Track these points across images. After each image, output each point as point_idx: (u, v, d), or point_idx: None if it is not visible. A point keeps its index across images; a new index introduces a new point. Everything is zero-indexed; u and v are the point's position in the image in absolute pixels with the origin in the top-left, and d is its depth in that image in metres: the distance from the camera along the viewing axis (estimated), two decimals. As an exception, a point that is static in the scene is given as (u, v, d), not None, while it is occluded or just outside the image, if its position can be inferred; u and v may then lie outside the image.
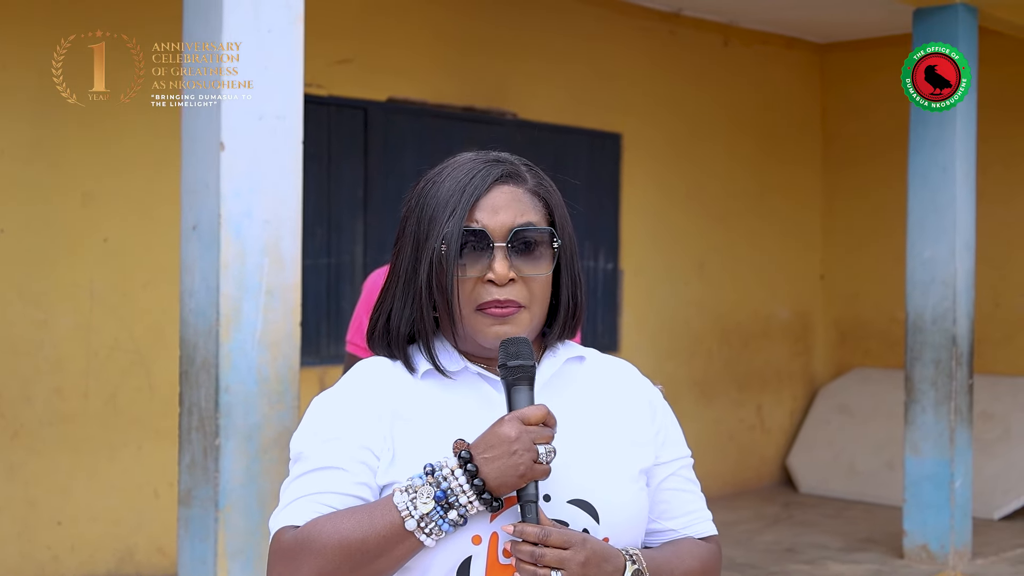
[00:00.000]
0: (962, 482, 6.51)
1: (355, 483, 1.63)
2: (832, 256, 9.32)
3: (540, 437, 1.58)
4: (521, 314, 1.68)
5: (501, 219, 1.67)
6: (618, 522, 1.69)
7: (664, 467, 1.79)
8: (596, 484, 1.69)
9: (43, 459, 5.53)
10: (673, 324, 8.30)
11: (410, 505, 1.56)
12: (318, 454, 1.65)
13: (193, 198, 3.74)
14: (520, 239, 1.67)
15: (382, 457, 1.65)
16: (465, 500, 1.56)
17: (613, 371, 1.83)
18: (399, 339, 1.72)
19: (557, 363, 1.76)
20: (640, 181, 8.03)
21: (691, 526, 1.83)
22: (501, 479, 1.56)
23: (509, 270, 1.66)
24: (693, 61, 8.34)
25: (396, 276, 1.73)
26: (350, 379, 1.75)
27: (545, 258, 1.69)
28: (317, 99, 6.22)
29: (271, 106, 3.72)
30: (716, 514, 6.91)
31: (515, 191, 1.70)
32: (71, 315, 5.60)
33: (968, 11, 6.51)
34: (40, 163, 5.52)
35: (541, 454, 1.57)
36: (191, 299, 3.75)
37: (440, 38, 7.02)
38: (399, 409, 1.68)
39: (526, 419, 1.58)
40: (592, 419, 1.74)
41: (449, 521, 1.56)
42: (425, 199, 1.70)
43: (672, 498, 1.81)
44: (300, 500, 1.64)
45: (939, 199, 6.52)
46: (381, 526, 1.57)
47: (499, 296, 1.66)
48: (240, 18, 3.66)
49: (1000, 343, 8.45)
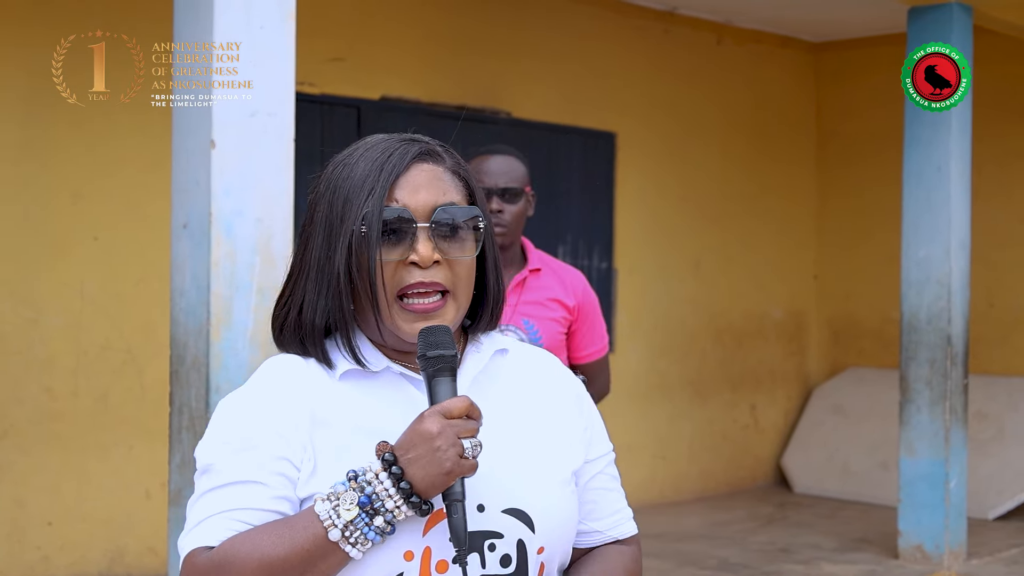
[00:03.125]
0: (957, 482, 6.49)
1: (273, 497, 1.51)
2: (826, 255, 9.31)
3: (464, 430, 1.47)
4: (446, 306, 1.58)
5: (423, 198, 1.57)
6: (552, 529, 1.60)
7: (592, 465, 1.71)
8: (529, 491, 1.59)
9: (33, 459, 5.50)
10: (667, 323, 8.28)
11: (333, 514, 1.45)
12: (230, 467, 1.52)
13: (184, 196, 3.71)
14: (444, 219, 1.57)
15: (302, 468, 1.53)
16: (392, 504, 1.46)
17: (537, 364, 1.73)
18: (315, 334, 1.59)
19: (483, 358, 1.66)
20: (634, 180, 8.01)
21: (617, 527, 1.74)
22: (428, 479, 1.45)
23: (433, 252, 1.55)
24: (687, 60, 8.32)
25: (306, 266, 1.60)
26: (261, 380, 1.61)
27: (470, 240, 1.59)
28: (310, 97, 6.19)
29: (262, 103, 3.69)
30: (711, 514, 6.89)
31: (435, 169, 1.60)
32: (61, 314, 5.57)
33: (963, 10, 6.49)
34: (30, 162, 5.49)
35: (467, 448, 1.46)
36: (181, 298, 3.72)
37: (433, 36, 7.00)
38: (318, 414, 1.55)
39: (448, 412, 1.47)
40: (522, 418, 1.65)
41: (375, 529, 1.46)
42: (337, 182, 1.59)
43: (599, 498, 1.72)
44: (213, 518, 1.51)
45: (934, 198, 6.51)
46: (303, 540, 1.46)
47: (423, 278, 1.55)
48: (232, 16, 3.63)
49: (995, 343, 8.44)
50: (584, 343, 3.68)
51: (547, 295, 3.60)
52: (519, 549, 1.57)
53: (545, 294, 3.60)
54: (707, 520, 7.69)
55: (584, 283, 3.71)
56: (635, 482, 8.08)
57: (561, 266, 3.72)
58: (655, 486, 8.20)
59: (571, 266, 3.78)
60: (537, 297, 3.59)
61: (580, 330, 3.67)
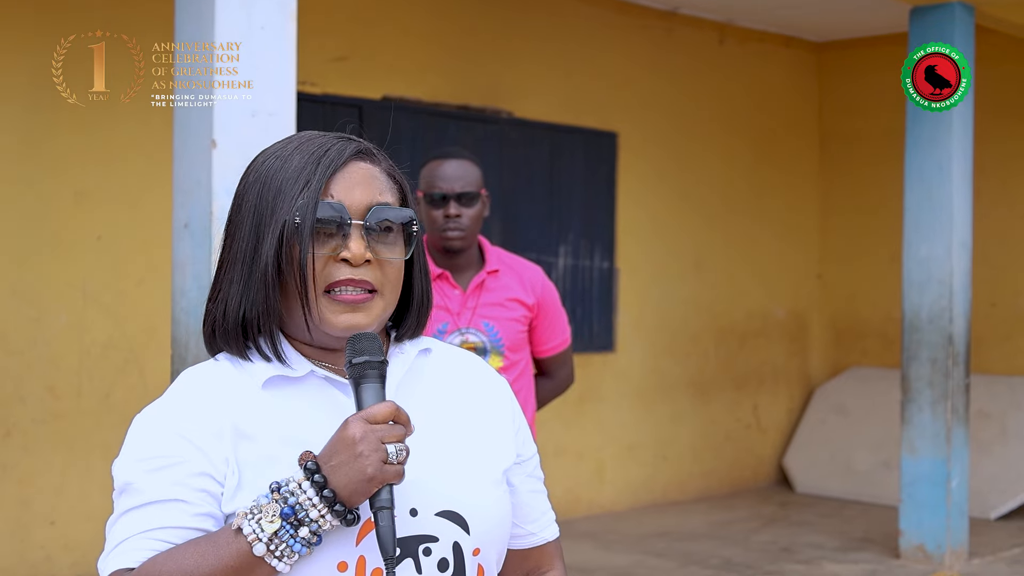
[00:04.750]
0: (958, 482, 6.49)
1: (195, 515, 1.46)
2: (828, 255, 9.31)
3: (389, 435, 1.42)
4: (374, 301, 1.54)
5: (358, 196, 1.54)
6: (487, 530, 1.58)
7: (523, 465, 1.70)
8: (462, 492, 1.56)
9: (36, 458, 5.51)
10: (669, 323, 8.28)
11: (256, 527, 1.40)
12: (148, 485, 1.47)
13: (185, 196, 3.71)
14: (378, 219, 1.55)
15: (226, 482, 1.48)
16: (316, 514, 1.40)
17: (462, 363, 1.70)
18: (239, 333, 1.55)
19: (408, 359, 1.62)
20: (636, 180, 8.01)
21: (546, 528, 1.74)
22: (351, 486, 1.40)
23: (365, 250, 1.53)
24: (689, 60, 8.32)
25: (232, 261, 1.56)
26: (177, 392, 1.55)
27: (401, 243, 1.57)
28: (311, 97, 6.19)
29: (264, 103, 3.69)
30: (713, 514, 6.91)
31: (371, 169, 1.58)
32: (64, 313, 5.58)
33: (965, 9, 6.49)
34: (33, 161, 5.50)
35: (391, 453, 1.41)
36: (183, 298, 3.73)
37: (435, 36, 7.00)
38: (241, 425, 1.50)
39: (372, 418, 1.43)
40: (450, 418, 1.62)
41: (301, 540, 1.41)
42: (269, 173, 1.55)
43: (531, 500, 1.71)
44: (133, 539, 1.45)
45: (936, 198, 6.51)
46: (228, 556, 1.41)
47: (352, 276, 1.53)
48: (233, 15, 3.64)
49: (996, 342, 8.44)
50: (546, 337, 3.74)
51: (506, 295, 3.66)
52: (455, 552, 1.55)
53: (504, 294, 3.65)
54: (709, 520, 7.69)
55: (543, 278, 3.76)
56: (637, 482, 8.08)
57: (519, 262, 3.76)
58: (657, 486, 8.21)
59: (529, 261, 3.82)
60: (496, 298, 3.64)
61: (541, 325, 3.73)
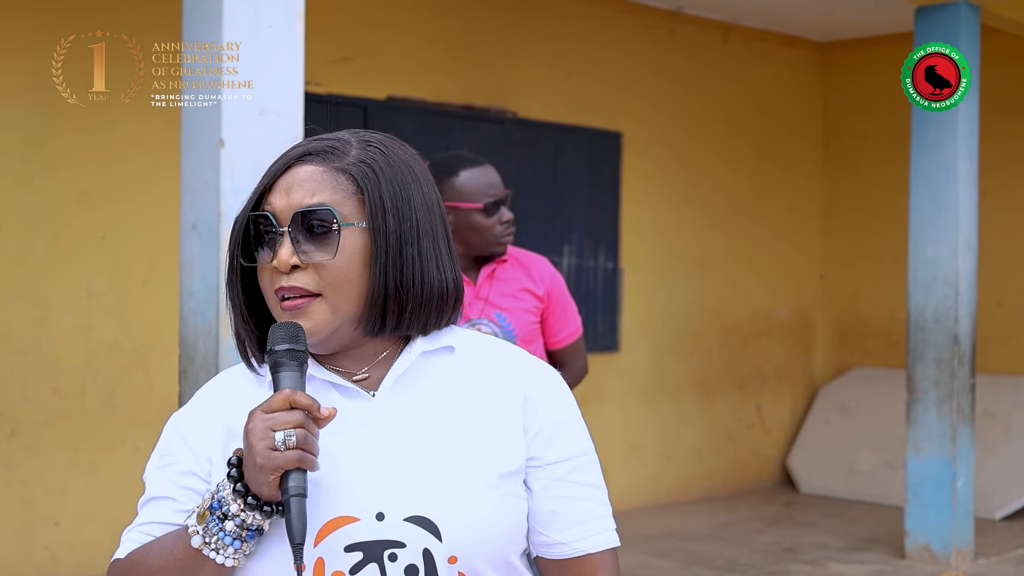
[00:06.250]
0: (964, 482, 6.48)
1: (178, 511, 1.53)
2: (832, 255, 9.30)
3: (279, 423, 1.41)
4: (315, 305, 1.52)
5: (288, 201, 1.53)
6: (466, 538, 1.50)
7: (547, 469, 1.58)
8: (437, 497, 1.50)
9: (41, 459, 5.50)
10: (673, 323, 8.28)
11: (193, 521, 1.47)
12: (152, 483, 1.58)
13: (193, 196, 3.71)
14: (301, 222, 1.52)
15: (212, 480, 1.54)
16: (236, 508, 1.43)
17: (487, 361, 1.62)
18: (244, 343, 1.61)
19: (410, 357, 1.58)
20: (640, 180, 8.00)
21: (586, 538, 1.60)
22: (251, 477, 1.42)
23: (292, 256, 1.51)
24: (693, 60, 8.31)
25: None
26: (199, 395, 1.64)
27: (334, 243, 1.52)
28: (316, 97, 6.18)
29: (271, 103, 3.69)
30: (717, 514, 6.86)
31: (315, 170, 1.55)
32: (69, 314, 5.58)
33: (970, 9, 6.48)
34: (37, 161, 5.49)
35: (278, 440, 1.40)
36: (191, 298, 3.72)
37: (440, 36, 7.00)
38: (234, 426, 1.53)
39: (268, 407, 1.42)
40: (444, 420, 1.56)
41: (230, 533, 1.44)
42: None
43: (560, 506, 1.58)
44: (129, 532, 1.56)
45: (941, 198, 6.50)
46: (177, 548, 1.47)
47: (284, 283, 1.52)
48: (241, 15, 3.63)
49: (1001, 342, 8.43)
50: (557, 328, 3.71)
51: (517, 286, 3.63)
52: (426, 559, 1.50)
53: (515, 285, 3.63)
54: (713, 520, 7.68)
55: (550, 269, 3.73)
56: (641, 482, 8.08)
57: (524, 254, 3.73)
58: (661, 486, 8.20)
59: (534, 253, 3.79)
60: (508, 289, 3.61)
61: (552, 316, 3.69)
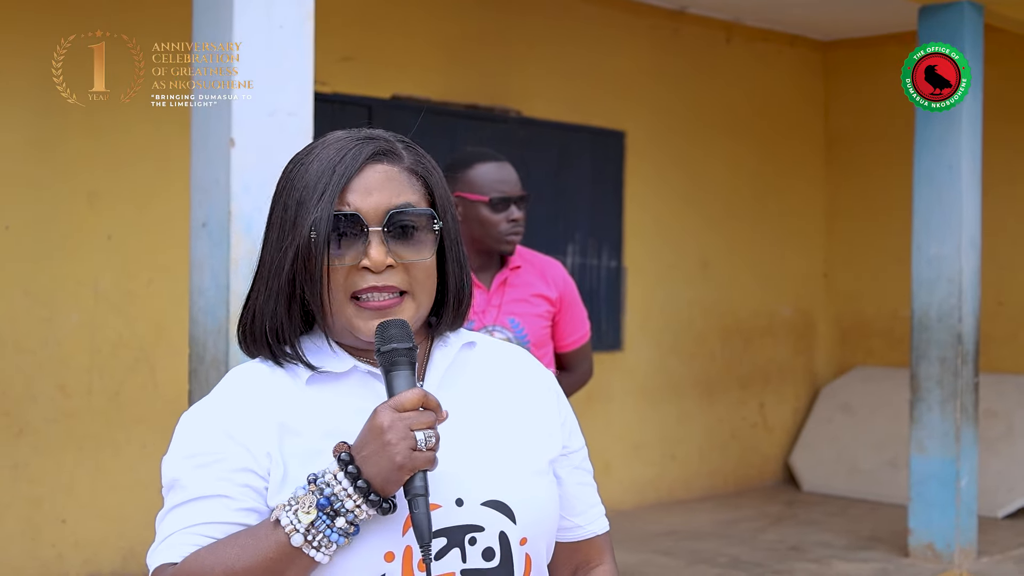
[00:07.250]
0: (967, 480, 6.49)
1: (238, 510, 1.49)
2: (835, 254, 9.31)
3: (417, 423, 1.42)
4: (404, 304, 1.55)
5: (375, 201, 1.53)
6: (534, 520, 1.58)
7: (570, 457, 1.70)
8: (508, 482, 1.57)
9: (47, 457, 5.51)
10: (676, 322, 8.29)
11: (293, 519, 1.43)
12: (195, 481, 1.50)
13: (203, 195, 3.71)
14: (397, 222, 1.53)
15: (271, 477, 1.50)
16: (352, 504, 1.42)
17: (507, 357, 1.70)
18: (265, 343, 1.58)
19: (451, 352, 1.63)
20: (643, 178, 8.01)
21: (594, 521, 1.73)
22: (382, 475, 1.42)
23: (386, 256, 1.52)
24: (696, 59, 8.32)
25: (261, 273, 1.59)
26: (224, 390, 1.58)
27: (426, 242, 1.56)
28: (321, 96, 6.17)
29: (282, 102, 3.69)
30: (720, 512, 6.92)
31: (390, 170, 1.56)
32: (75, 312, 5.58)
33: (974, 8, 6.49)
34: (44, 161, 5.50)
35: (419, 440, 1.42)
36: (201, 297, 3.73)
37: (444, 36, 7.01)
38: (287, 421, 1.52)
39: (400, 406, 1.43)
40: (495, 410, 1.62)
41: (338, 531, 1.43)
42: (293, 182, 1.56)
43: (579, 492, 1.71)
44: (177, 534, 1.49)
45: (945, 197, 6.51)
46: (267, 548, 1.43)
47: (376, 283, 1.52)
48: (252, 15, 3.64)
49: (1004, 341, 8.44)
50: (568, 331, 3.72)
51: (531, 291, 3.63)
52: (502, 541, 1.55)
53: (529, 290, 3.63)
54: (716, 518, 7.69)
55: (563, 272, 3.74)
56: (644, 481, 8.09)
57: (538, 258, 3.73)
58: (664, 485, 8.21)
59: (548, 256, 3.79)
60: (521, 294, 3.62)
61: (563, 319, 3.70)
